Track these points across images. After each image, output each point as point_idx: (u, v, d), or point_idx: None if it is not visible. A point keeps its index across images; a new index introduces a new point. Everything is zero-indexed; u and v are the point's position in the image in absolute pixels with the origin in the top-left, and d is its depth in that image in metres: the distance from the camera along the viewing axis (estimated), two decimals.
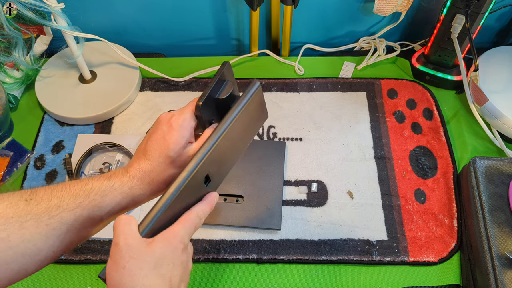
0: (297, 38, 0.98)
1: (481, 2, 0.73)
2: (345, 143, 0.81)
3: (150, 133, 0.47)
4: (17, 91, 0.86)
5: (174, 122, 0.46)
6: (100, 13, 0.90)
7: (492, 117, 0.79)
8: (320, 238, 0.70)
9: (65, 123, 0.84)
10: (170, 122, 0.46)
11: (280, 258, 0.68)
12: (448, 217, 0.72)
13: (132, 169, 0.45)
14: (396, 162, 0.78)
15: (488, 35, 0.96)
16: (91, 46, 0.91)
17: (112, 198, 0.44)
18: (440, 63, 0.87)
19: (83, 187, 0.43)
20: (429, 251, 0.69)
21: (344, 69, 0.92)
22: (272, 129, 0.83)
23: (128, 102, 0.86)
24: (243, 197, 0.73)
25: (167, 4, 0.89)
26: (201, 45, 0.99)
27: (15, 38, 0.79)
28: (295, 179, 0.76)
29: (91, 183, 0.44)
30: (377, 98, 0.87)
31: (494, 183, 0.67)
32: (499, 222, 0.64)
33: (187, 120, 0.46)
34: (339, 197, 0.74)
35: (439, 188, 0.75)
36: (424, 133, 0.82)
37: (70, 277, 0.67)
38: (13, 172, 0.76)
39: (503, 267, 0.60)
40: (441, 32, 0.82)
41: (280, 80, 0.89)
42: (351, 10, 0.91)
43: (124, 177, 0.45)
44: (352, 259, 0.68)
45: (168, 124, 0.46)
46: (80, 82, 0.86)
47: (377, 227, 0.71)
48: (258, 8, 0.84)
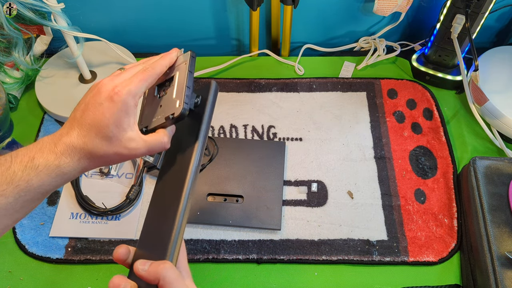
0: (297, 38, 0.98)
1: (481, 2, 0.73)
2: (345, 143, 0.81)
3: (87, 102, 0.42)
4: (17, 91, 0.86)
5: (116, 97, 0.41)
6: (100, 13, 0.90)
7: (492, 117, 0.79)
8: (320, 238, 0.70)
9: None
10: (111, 95, 0.41)
11: (280, 258, 0.68)
12: (448, 217, 0.72)
13: (60, 144, 0.41)
14: (396, 162, 0.78)
15: (488, 35, 0.96)
16: (91, 46, 0.91)
17: (38, 180, 0.40)
18: (440, 63, 0.87)
19: (4, 172, 0.39)
20: (429, 251, 0.69)
21: (344, 69, 0.92)
22: (272, 129, 0.83)
23: None
24: (243, 197, 0.73)
25: (167, 4, 0.89)
26: (201, 45, 0.99)
27: (15, 38, 0.79)
28: (295, 179, 0.76)
29: (13, 167, 0.39)
30: (377, 98, 0.87)
31: (494, 183, 0.67)
32: (499, 222, 0.64)
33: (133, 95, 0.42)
34: (339, 197, 0.74)
35: (439, 188, 0.75)
36: (424, 133, 0.82)
37: (70, 277, 0.67)
38: None
39: (503, 267, 0.60)
40: (441, 32, 0.82)
41: (280, 80, 0.89)
42: (351, 10, 0.91)
43: (50, 155, 0.40)
44: (352, 259, 0.68)
45: (109, 97, 0.41)
46: (80, 82, 0.86)
47: (377, 227, 0.71)
48: (258, 8, 0.84)
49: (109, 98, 0.41)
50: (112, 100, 0.41)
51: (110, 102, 0.41)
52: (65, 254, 0.69)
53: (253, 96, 0.87)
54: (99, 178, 0.76)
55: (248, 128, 0.83)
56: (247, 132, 0.82)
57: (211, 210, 0.71)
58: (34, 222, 0.72)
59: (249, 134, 0.82)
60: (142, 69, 0.43)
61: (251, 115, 0.84)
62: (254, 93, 0.88)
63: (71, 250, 0.69)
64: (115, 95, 0.41)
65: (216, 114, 0.84)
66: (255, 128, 0.83)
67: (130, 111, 0.42)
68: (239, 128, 0.83)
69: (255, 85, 0.89)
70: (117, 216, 0.72)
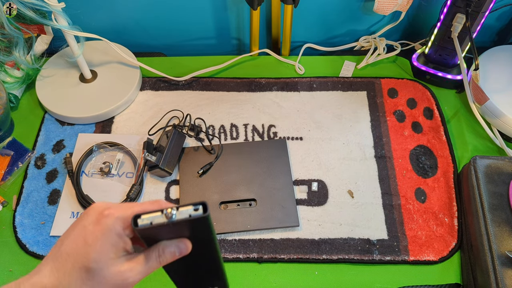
0: (297, 38, 0.98)
1: (482, 1, 0.73)
2: (346, 142, 0.81)
3: (72, 227, 0.34)
4: (17, 90, 0.86)
5: (104, 220, 0.33)
6: (100, 12, 0.90)
7: (492, 116, 0.79)
8: (320, 237, 0.70)
9: (66, 123, 0.84)
10: (99, 218, 0.33)
11: (281, 257, 0.69)
12: (448, 216, 0.72)
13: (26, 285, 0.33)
14: (397, 161, 0.78)
15: (488, 34, 0.96)
16: (91, 46, 0.91)
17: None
18: (441, 62, 0.87)
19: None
20: (429, 250, 0.69)
21: (345, 68, 0.92)
22: (272, 128, 0.83)
23: (128, 102, 0.86)
24: (256, 200, 0.73)
25: (167, 4, 0.89)
26: (202, 45, 0.99)
27: (15, 38, 0.79)
28: (296, 179, 0.76)
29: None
30: (378, 97, 0.87)
31: (494, 182, 0.67)
32: (500, 221, 0.64)
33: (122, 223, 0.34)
34: (340, 196, 0.74)
35: (440, 187, 0.75)
36: (424, 132, 0.82)
37: None
38: (14, 171, 0.76)
39: (503, 266, 0.60)
40: (442, 31, 0.82)
41: (281, 79, 0.89)
42: (352, 9, 0.91)
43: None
44: (352, 258, 0.68)
45: (96, 220, 0.33)
46: (81, 82, 0.86)
47: (378, 226, 0.71)
48: (258, 8, 0.84)
49: (96, 221, 0.33)
50: (98, 223, 0.33)
51: (95, 225, 0.33)
52: None
53: (254, 95, 0.87)
54: (100, 177, 0.76)
55: (249, 127, 0.83)
56: (247, 131, 0.82)
57: (227, 218, 0.71)
58: (35, 221, 0.72)
59: (250, 134, 0.82)
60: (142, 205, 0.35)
61: (252, 114, 0.84)
62: (254, 92, 0.88)
63: None
64: (103, 218, 0.33)
65: (217, 114, 0.84)
66: (256, 127, 0.83)
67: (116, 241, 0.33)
68: (240, 128, 0.83)
69: (256, 85, 0.89)
70: None
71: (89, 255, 0.32)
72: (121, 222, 0.34)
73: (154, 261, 0.36)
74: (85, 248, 0.32)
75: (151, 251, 0.36)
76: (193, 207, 0.34)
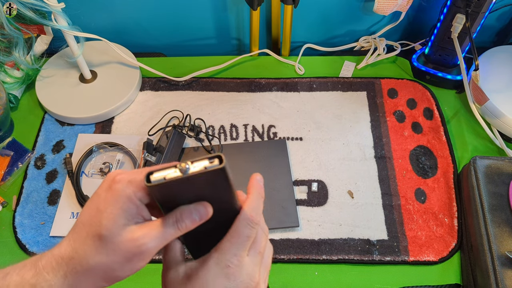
0: (297, 38, 0.98)
1: (482, 1, 0.72)
2: (346, 143, 0.81)
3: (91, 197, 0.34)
4: (17, 90, 0.86)
5: (115, 186, 0.32)
6: (100, 12, 0.90)
7: (492, 117, 0.79)
8: (320, 237, 0.70)
9: (66, 123, 0.84)
10: (110, 185, 0.32)
11: (281, 257, 0.68)
12: (448, 217, 0.72)
13: (46, 256, 0.32)
14: (397, 162, 0.78)
15: (488, 34, 0.96)
16: (91, 46, 0.91)
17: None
18: (440, 63, 0.87)
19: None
20: (429, 251, 0.69)
21: (345, 68, 0.92)
22: (272, 128, 0.83)
23: (128, 102, 0.86)
24: None
25: (167, 4, 0.89)
26: (202, 45, 0.99)
27: (15, 38, 0.79)
28: (296, 179, 0.76)
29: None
30: (378, 98, 0.87)
31: (494, 183, 0.67)
32: (500, 222, 0.64)
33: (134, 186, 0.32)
34: (340, 196, 0.74)
35: (440, 188, 0.75)
36: (424, 133, 0.82)
37: None
38: (14, 171, 0.76)
39: (503, 266, 0.60)
40: (442, 32, 0.82)
41: (281, 79, 0.89)
42: (351, 10, 0.91)
43: (29, 271, 0.32)
44: (352, 258, 0.68)
45: (108, 186, 0.32)
46: (81, 82, 0.86)
47: (378, 227, 0.71)
48: (258, 8, 0.84)
49: (108, 187, 0.32)
50: (110, 189, 0.32)
51: (107, 191, 0.32)
52: None
53: (254, 95, 0.87)
54: (100, 177, 0.76)
55: (249, 127, 0.83)
56: (247, 132, 0.82)
57: None
58: (34, 222, 0.72)
59: (250, 134, 0.82)
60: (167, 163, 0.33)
61: (252, 114, 0.84)
62: (254, 92, 0.88)
63: None
64: (114, 184, 0.32)
65: (217, 114, 0.84)
66: (256, 127, 0.83)
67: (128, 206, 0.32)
68: (240, 128, 0.83)
69: (256, 85, 0.89)
70: None
71: (101, 222, 0.31)
72: (132, 186, 0.32)
73: (171, 228, 0.32)
74: (97, 215, 0.31)
75: (168, 217, 0.33)
76: (209, 160, 0.31)
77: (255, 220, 0.35)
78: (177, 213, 0.33)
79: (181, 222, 0.32)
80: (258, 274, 0.35)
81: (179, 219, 0.32)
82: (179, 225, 0.32)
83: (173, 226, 0.32)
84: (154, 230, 0.32)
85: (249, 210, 0.35)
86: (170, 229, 0.32)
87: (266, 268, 0.37)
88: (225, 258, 0.34)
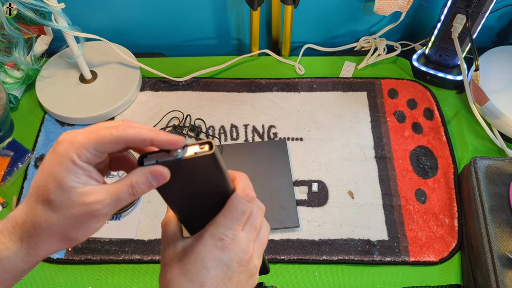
0: (297, 38, 0.98)
1: (482, 2, 0.72)
2: (346, 143, 0.80)
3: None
4: (17, 91, 0.86)
5: (58, 148, 0.30)
6: (100, 13, 0.90)
7: (492, 117, 0.79)
8: (320, 238, 0.70)
9: (66, 123, 0.84)
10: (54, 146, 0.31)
11: (281, 258, 0.68)
12: (448, 217, 0.72)
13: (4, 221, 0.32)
14: (397, 162, 0.78)
15: (488, 34, 0.96)
16: (91, 46, 0.91)
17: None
18: (441, 63, 0.87)
19: None
20: (429, 251, 0.69)
21: (345, 68, 0.92)
22: (272, 129, 0.83)
23: (128, 102, 0.86)
24: None
25: (167, 4, 0.89)
26: (202, 45, 0.99)
27: (15, 38, 0.79)
28: (296, 179, 0.76)
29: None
30: (378, 98, 0.86)
31: (494, 183, 0.67)
32: (500, 222, 0.64)
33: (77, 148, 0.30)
34: (340, 197, 0.74)
35: (440, 188, 0.75)
36: (424, 133, 0.81)
37: (70, 277, 0.67)
38: (14, 172, 0.76)
39: (503, 267, 0.60)
40: (442, 32, 0.82)
41: (281, 80, 0.89)
42: (352, 10, 0.91)
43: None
44: (352, 259, 0.68)
45: (53, 148, 0.31)
46: (81, 82, 0.86)
47: (378, 227, 0.71)
48: (258, 8, 0.84)
49: (52, 149, 0.31)
50: (53, 151, 0.31)
51: (52, 153, 0.31)
52: (66, 254, 0.69)
53: (254, 96, 0.87)
54: None
55: (249, 128, 0.83)
56: (247, 132, 0.82)
57: None
58: None
59: (250, 134, 0.82)
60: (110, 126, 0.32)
61: (252, 115, 0.84)
62: (254, 93, 0.88)
63: (72, 250, 0.69)
64: (57, 145, 0.31)
65: (217, 114, 0.84)
66: (256, 128, 0.83)
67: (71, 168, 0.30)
68: (240, 128, 0.83)
69: (256, 85, 0.89)
70: (117, 216, 0.72)
71: (47, 186, 0.30)
72: (73, 147, 0.30)
73: (125, 194, 0.32)
74: (44, 179, 0.30)
75: (121, 180, 0.32)
76: (199, 146, 0.32)
77: (250, 196, 0.36)
78: (132, 178, 0.32)
79: (136, 188, 0.32)
80: (252, 249, 0.36)
81: (134, 185, 0.32)
82: (134, 191, 0.32)
83: (128, 191, 0.32)
84: (108, 198, 0.31)
85: (242, 187, 0.36)
86: (125, 194, 0.32)
87: (261, 245, 0.37)
88: (219, 231, 0.34)
